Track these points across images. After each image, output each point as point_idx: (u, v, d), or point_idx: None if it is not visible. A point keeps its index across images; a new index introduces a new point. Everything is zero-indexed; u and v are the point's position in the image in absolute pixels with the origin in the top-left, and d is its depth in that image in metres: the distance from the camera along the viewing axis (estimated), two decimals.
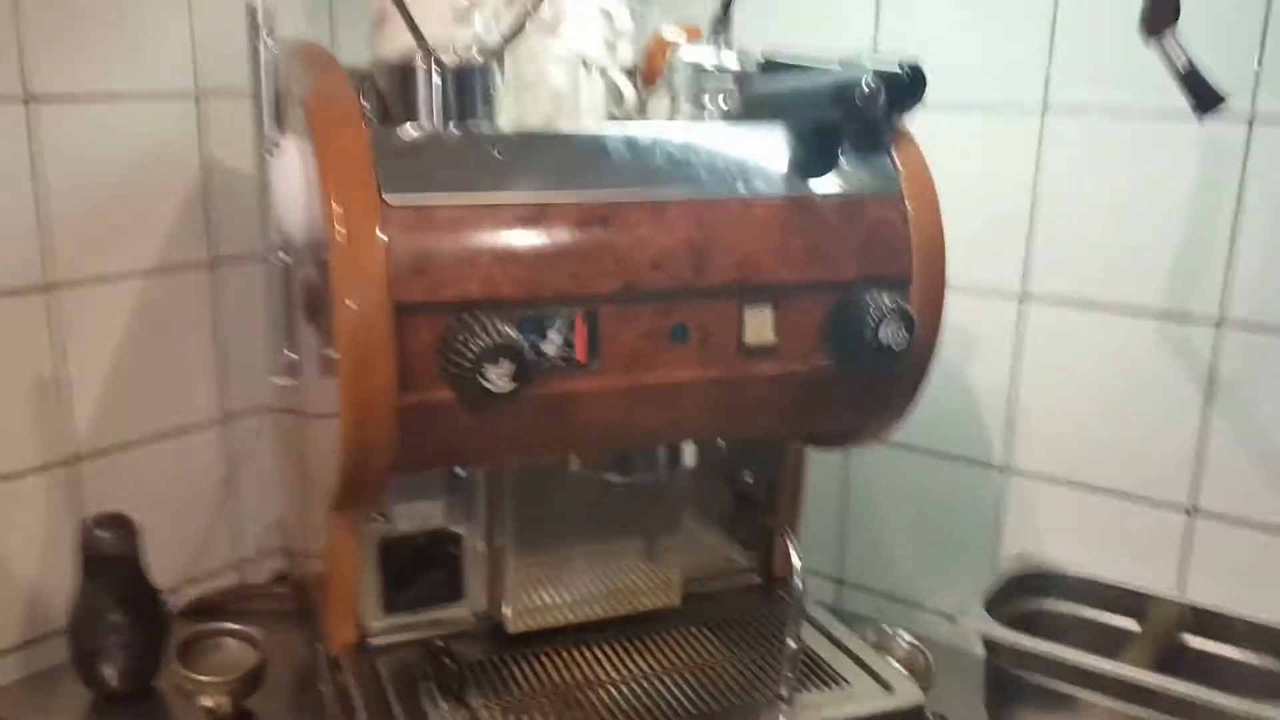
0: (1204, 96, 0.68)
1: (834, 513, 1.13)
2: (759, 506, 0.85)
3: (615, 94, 0.85)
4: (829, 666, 0.78)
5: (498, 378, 0.58)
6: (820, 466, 1.12)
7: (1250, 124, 0.85)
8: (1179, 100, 0.74)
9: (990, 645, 0.90)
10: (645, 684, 0.76)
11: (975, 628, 0.89)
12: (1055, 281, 0.96)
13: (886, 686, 0.76)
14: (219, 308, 1.05)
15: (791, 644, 0.75)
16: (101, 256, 0.96)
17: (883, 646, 0.94)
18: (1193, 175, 0.88)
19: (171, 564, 1.03)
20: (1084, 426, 0.97)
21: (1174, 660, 0.89)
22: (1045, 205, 0.96)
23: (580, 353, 0.64)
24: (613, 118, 0.81)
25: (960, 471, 1.05)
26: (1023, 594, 0.97)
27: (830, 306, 0.69)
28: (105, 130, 0.94)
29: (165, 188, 0.99)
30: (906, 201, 0.71)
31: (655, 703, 0.74)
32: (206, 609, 1.02)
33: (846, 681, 0.77)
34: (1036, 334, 0.98)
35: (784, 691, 0.74)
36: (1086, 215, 0.94)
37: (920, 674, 0.91)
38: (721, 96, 0.79)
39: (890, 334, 0.67)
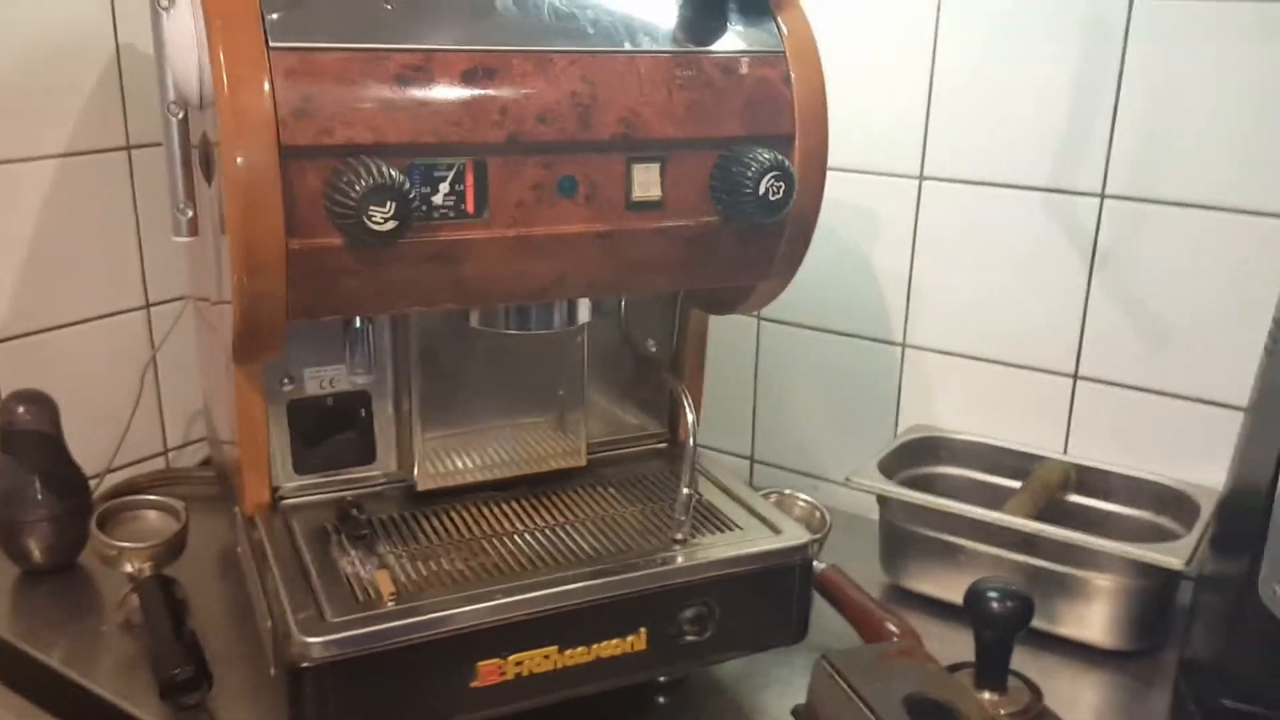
0: None
1: (747, 394, 1.17)
2: (661, 371, 0.89)
3: None
4: (723, 515, 0.83)
5: (381, 218, 0.61)
6: (734, 350, 1.16)
7: (1130, 3, 0.88)
8: None
9: (882, 501, 0.95)
10: (548, 534, 0.80)
11: (867, 486, 0.95)
12: (950, 163, 1.00)
13: (775, 529, 0.80)
14: (139, 193, 1.06)
15: (685, 491, 0.79)
16: (15, 141, 0.96)
17: (782, 507, 0.99)
18: (1076, 55, 0.91)
19: (96, 452, 1.05)
20: (976, 301, 1.01)
21: (1057, 514, 0.95)
22: (940, 89, 0.99)
23: (469, 202, 0.67)
24: None
25: (864, 349, 1.09)
26: (916, 460, 1.03)
27: (714, 163, 0.72)
28: (15, 19, 0.94)
29: (79, 73, 1.00)
30: (789, 63, 0.74)
31: (556, 549, 0.77)
32: (130, 492, 1.04)
33: (739, 527, 0.81)
34: (932, 215, 1.02)
35: (679, 535, 0.79)
36: (979, 96, 0.97)
37: (816, 528, 0.97)
38: None
39: (769, 187, 0.70)
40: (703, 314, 0.89)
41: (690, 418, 0.80)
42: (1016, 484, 0.98)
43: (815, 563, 0.91)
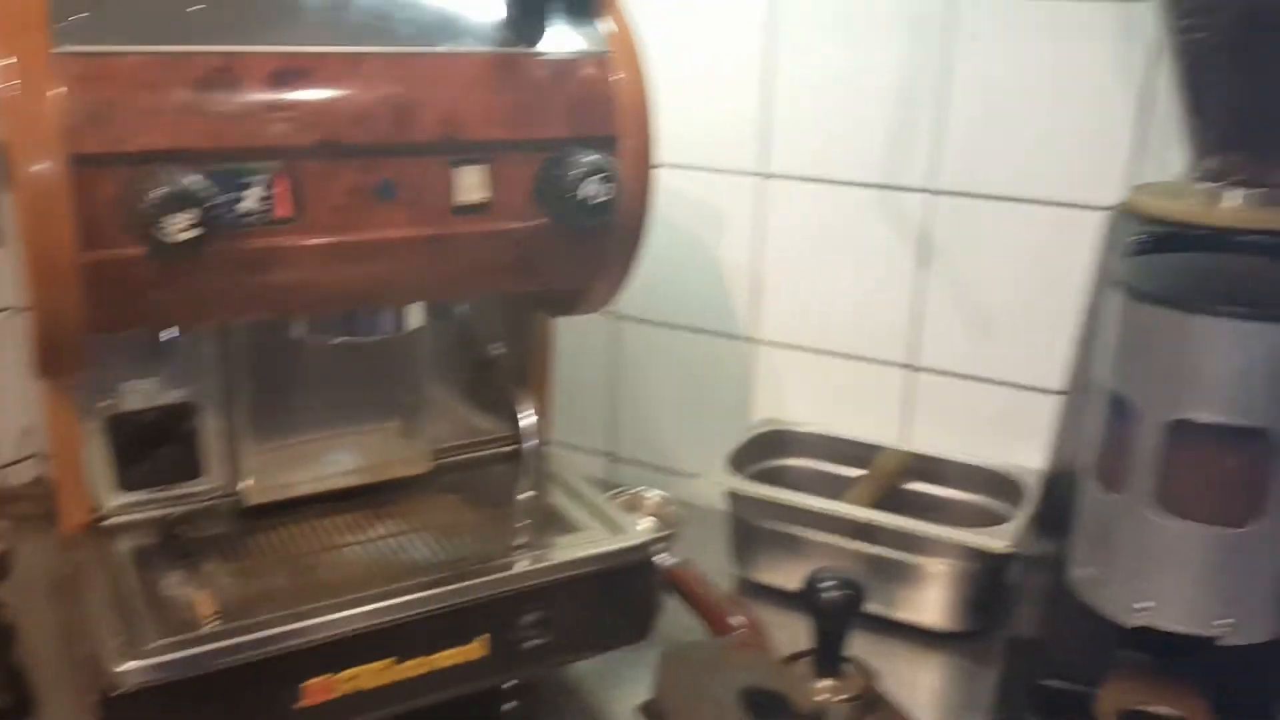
0: None
1: (605, 391, 1.17)
2: (501, 375, 0.88)
3: None
4: (567, 517, 0.82)
5: (180, 227, 0.58)
6: (591, 347, 1.16)
7: (953, 3, 0.91)
8: None
9: (730, 496, 0.97)
10: (386, 544, 0.78)
11: (715, 482, 0.96)
12: (788, 159, 1.02)
13: (618, 529, 0.81)
14: None
15: (525, 495, 0.79)
16: None
17: (634, 505, 1.00)
18: (904, 54, 0.94)
19: None
20: (818, 296, 1.04)
21: (897, 502, 0.98)
22: (778, 88, 1.00)
23: (280, 208, 0.65)
24: None
25: (717, 345, 1.11)
26: (765, 453, 1.04)
27: (539, 165, 0.72)
28: None
29: None
30: (613, 65, 0.74)
31: (393, 560, 0.76)
32: None
33: (582, 529, 0.81)
34: (774, 210, 1.04)
35: (519, 540, 0.78)
36: (813, 93, 0.99)
37: (669, 521, 0.98)
38: None
39: (591, 189, 0.70)
40: (546, 315, 0.89)
41: (526, 422, 0.79)
42: (860, 472, 1.01)
43: (665, 559, 0.92)
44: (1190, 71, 0.69)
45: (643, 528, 0.98)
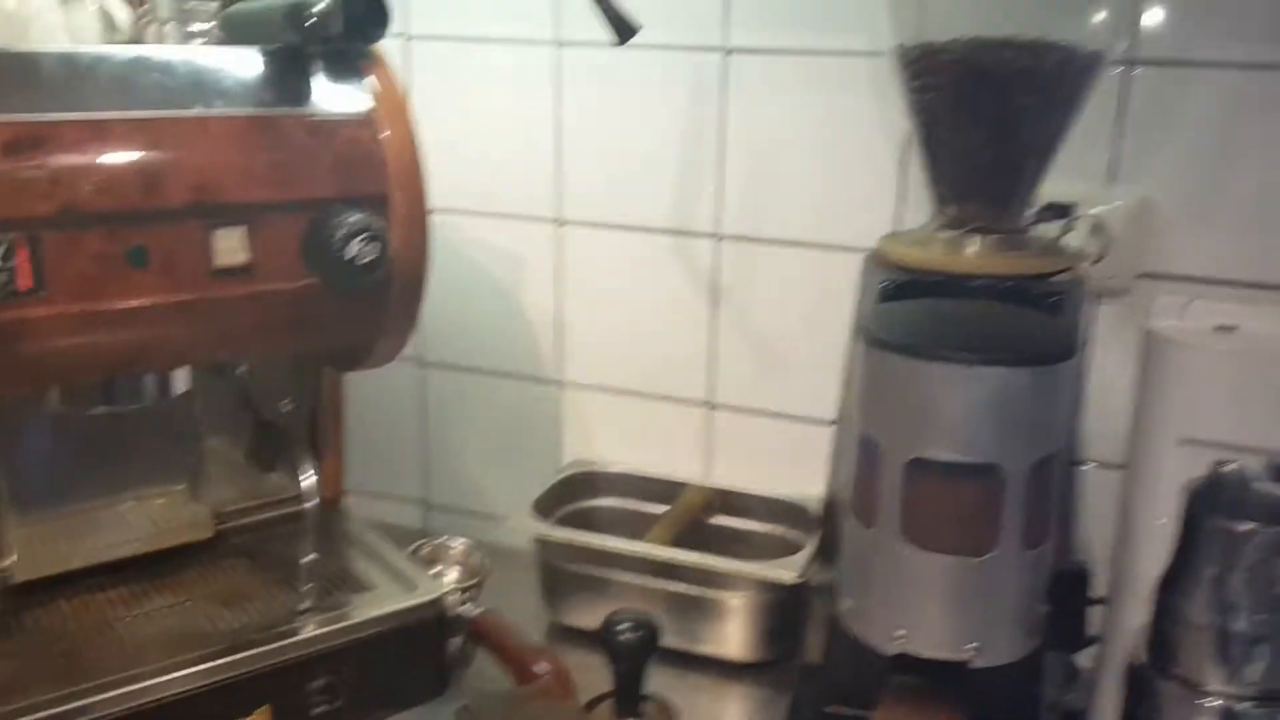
0: (618, 26, 0.75)
1: (416, 439, 1.16)
2: (281, 434, 0.86)
3: (108, 21, 0.82)
4: (357, 576, 0.81)
5: None
6: (400, 396, 1.15)
7: (725, 55, 0.95)
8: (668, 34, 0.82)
9: (537, 541, 0.97)
10: (164, 616, 0.76)
11: (520, 527, 0.96)
12: (582, 207, 1.04)
13: (411, 585, 0.80)
14: None
15: (309, 558, 0.77)
16: None
17: (437, 556, 0.99)
18: (685, 105, 0.97)
19: None
20: (620, 338, 1.06)
21: (701, 537, 1.00)
22: (568, 138, 1.02)
23: (22, 279, 0.62)
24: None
25: (525, 389, 1.11)
26: (574, 494, 1.05)
27: (304, 225, 0.71)
28: None
29: None
30: (380, 122, 0.74)
31: (172, 633, 0.74)
32: None
33: (373, 587, 0.80)
34: (573, 256, 1.05)
35: (304, 604, 0.77)
36: (601, 143, 1.01)
37: (474, 571, 0.97)
38: (207, 20, 0.79)
39: (357, 249, 0.70)
40: (335, 370, 0.88)
41: (307, 482, 0.78)
42: (665, 508, 1.03)
43: (469, 609, 0.92)
44: (925, 128, 0.73)
45: (449, 579, 0.98)
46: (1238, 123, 0.81)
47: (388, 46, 1.00)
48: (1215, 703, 0.63)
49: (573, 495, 1.05)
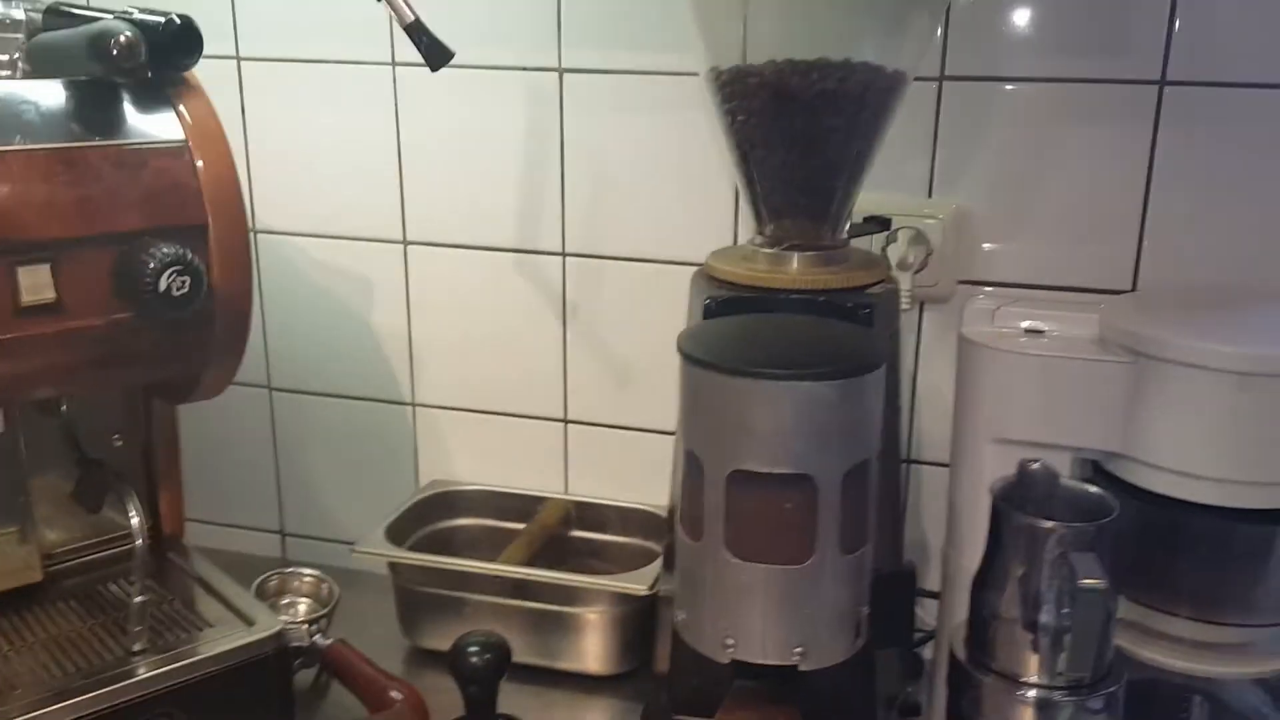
0: (431, 54, 0.75)
1: (269, 467, 1.14)
2: (107, 472, 0.84)
3: None
4: (193, 614, 0.80)
5: None
6: (248, 424, 1.13)
7: (560, 75, 0.96)
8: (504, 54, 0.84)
9: (390, 566, 0.97)
10: None
11: (367, 553, 0.95)
12: (429, 227, 1.03)
13: (249, 621, 0.79)
14: None
15: (138, 599, 0.75)
16: None
17: (286, 587, 0.97)
18: (525, 125, 0.98)
19: None
20: (473, 358, 1.06)
21: (561, 551, 1.01)
22: (410, 157, 1.02)
23: None
24: None
25: (378, 411, 1.10)
26: (432, 515, 1.05)
27: (115, 259, 0.69)
28: None
29: None
30: (193, 153, 0.73)
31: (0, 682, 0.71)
32: None
33: (209, 625, 0.79)
34: (421, 277, 1.05)
35: (136, 646, 0.75)
36: (446, 164, 1.01)
37: (325, 601, 0.96)
38: (13, 52, 0.76)
39: (171, 283, 0.69)
40: (166, 402, 0.86)
41: (134, 521, 0.76)
42: (524, 525, 1.03)
43: (320, 639, 0.91)
44: (739, 149, 0.75)
45: (300, 610, 0.97)
46: (1043, 135, 0.85)
47: (218, 70, 1.00)
48: (1032, 694, 0.67)
49: (431, 516, 1.05)
